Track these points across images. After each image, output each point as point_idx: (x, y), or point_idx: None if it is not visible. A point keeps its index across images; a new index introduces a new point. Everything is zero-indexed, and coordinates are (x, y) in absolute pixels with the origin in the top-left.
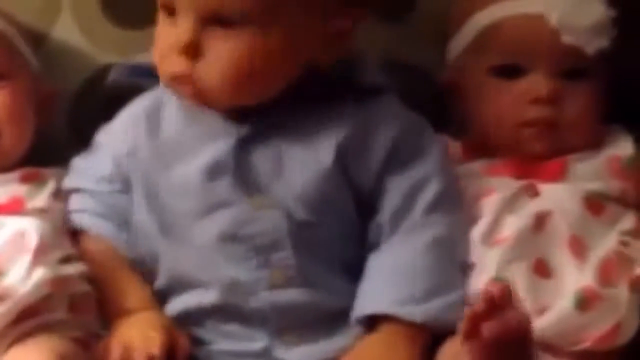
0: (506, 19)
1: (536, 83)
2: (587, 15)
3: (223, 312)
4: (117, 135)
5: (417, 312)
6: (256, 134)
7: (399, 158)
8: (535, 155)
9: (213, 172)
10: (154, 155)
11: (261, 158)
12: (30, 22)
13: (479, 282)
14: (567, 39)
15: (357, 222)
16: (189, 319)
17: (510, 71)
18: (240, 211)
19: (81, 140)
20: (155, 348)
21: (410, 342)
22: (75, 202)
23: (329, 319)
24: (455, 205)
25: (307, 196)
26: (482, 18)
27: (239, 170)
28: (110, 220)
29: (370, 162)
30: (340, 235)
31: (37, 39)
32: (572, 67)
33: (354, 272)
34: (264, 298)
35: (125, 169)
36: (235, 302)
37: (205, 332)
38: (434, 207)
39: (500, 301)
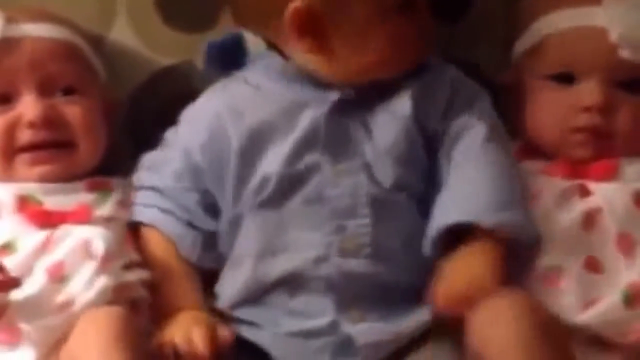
0: (568, 29)
1: (589, 91)
2: None
3: (293, 280)
4: (193, 127)
5: (498, 219)
6: (345, 102)
7: (455, 108)
8: (579, 160)
9: (306, 140)
10: (247, 141)
11: (350, 126)
12: (86, 28)
13: None
14: (625, 53)
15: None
16: (254, 296)
17: (565, 78)
18: (326, 175)
19: (137, 143)
20: (200, 345)
21: (493, 255)
22: (144, 196)
23: (396, 297)
24: (506, 142)
25: (396, 149)
26: (545, 25)
27: (329, 137)
28: (178, 218)
29: (436, 110)
30: (418, 205)
31: (94, 44)
32: (628, 78)
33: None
34: (333, 264)
35: (196, 160)
36: (306, 269)
37: (269, 312)
38: (488, 139)
39: None
